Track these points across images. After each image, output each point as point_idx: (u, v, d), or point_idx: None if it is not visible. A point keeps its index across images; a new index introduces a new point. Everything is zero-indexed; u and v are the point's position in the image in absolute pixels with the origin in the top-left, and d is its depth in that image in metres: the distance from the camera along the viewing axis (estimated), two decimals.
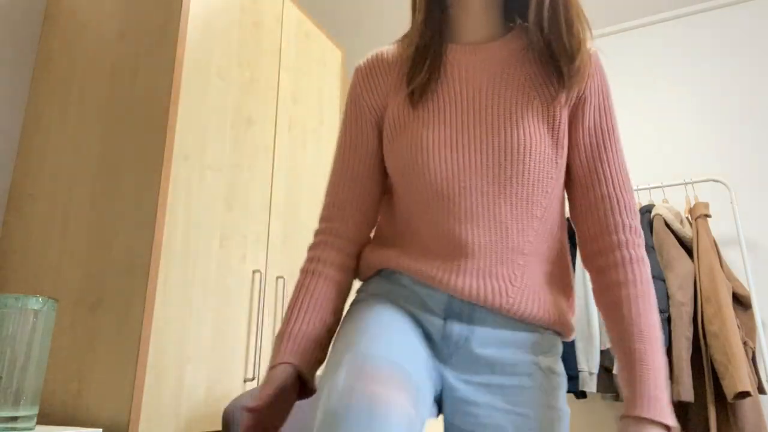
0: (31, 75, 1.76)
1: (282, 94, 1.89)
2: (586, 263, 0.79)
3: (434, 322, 0.76)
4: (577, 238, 0.81)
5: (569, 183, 0.82)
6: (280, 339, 0.78)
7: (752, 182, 2.48)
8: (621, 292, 0.72)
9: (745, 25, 2.69)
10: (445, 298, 0.76)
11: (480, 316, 0.76)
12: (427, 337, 0.77)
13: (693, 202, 2.30)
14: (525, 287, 0.76)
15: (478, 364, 0.75)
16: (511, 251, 0.75)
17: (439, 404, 0.79)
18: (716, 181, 2.34)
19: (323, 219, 0.87)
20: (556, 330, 0.79)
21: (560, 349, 0.81)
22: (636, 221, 0.76)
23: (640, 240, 0.75)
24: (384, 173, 0.88)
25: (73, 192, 1.50)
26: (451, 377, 0.76)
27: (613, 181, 0.76)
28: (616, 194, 0.76)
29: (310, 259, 0.84)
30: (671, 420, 0.64)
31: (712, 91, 2.67)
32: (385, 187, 0.89)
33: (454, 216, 0.75)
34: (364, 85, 0.87)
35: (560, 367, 0.78)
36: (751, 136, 2.54)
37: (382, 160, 0.87)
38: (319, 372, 1.58)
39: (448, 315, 0.76)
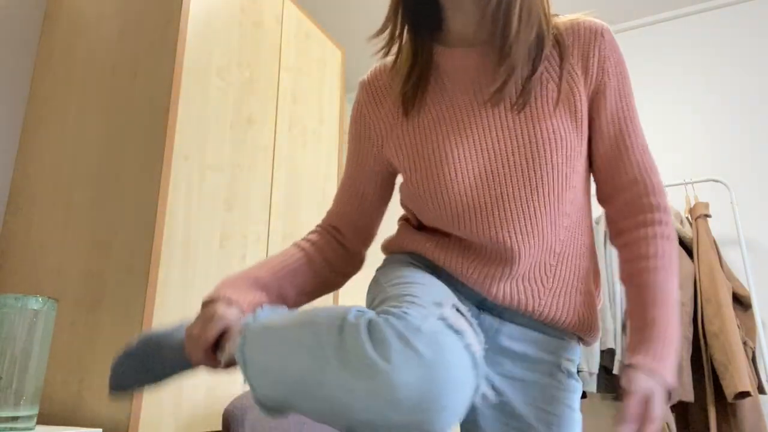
0: (31, 75, 1.76)
1: (282, 94, 1.89)
2: (615, 240, 0.80)
3: (471, 310, 0.78)
4: (606, 217, 0.81)
5: (594, 169, 0.81)
6: (231, 277, 0.76)
7: (752, 182, 2.48)
8: (642, 264, 0.73)
9: (745, 25, 2.69)
10: (480, 296, 0.77)
11: (510, 315, 0.77)
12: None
13: (693, 202, 2.29)
14: (556, 288, 0.76)
15: (504, 356, 0.76)
16: (545, 251, 0.75)
17: None
18: (716, 181, 2.34)
19: (324, 220, 0.91)
20: (580, 335, 0.79)
21: (579, 355, 0.81)
22: (664, 199, 0.76)
23: (668, 218, 0.75)
24: (386, 190, 0.89)
25: (74, 192, 1.50)
26: None
27: (639, 166, 0.76)
28: (644, 178, 0.76)
29: (303, 238, 0.87)
30: (672, 380, 0.65)
31: (712, 91, 2.67)
32: (386, 202, 0.91)
33: (492, 225, 0.73)
34: (367, 101, 0.85)
35: (575, 371, 0.79)
36: (751, 136, 2.54)
37: (385, 178, 0.87)
38: None
39: (482, 307, 0.77)
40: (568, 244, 0.77)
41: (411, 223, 0.87)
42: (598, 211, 2.66)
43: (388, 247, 0.87)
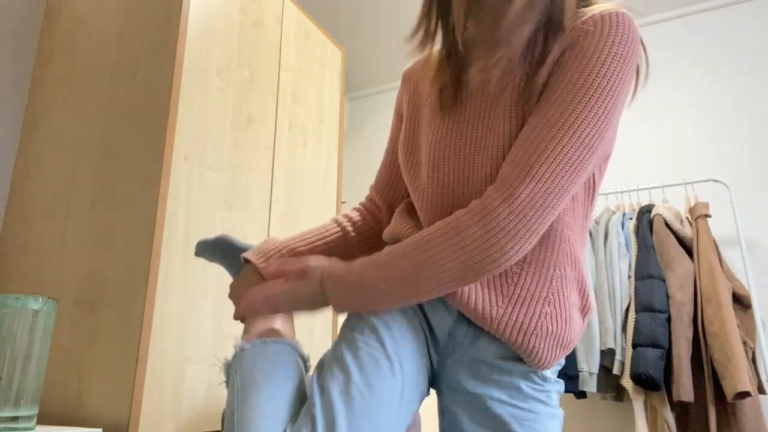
0: (31, 75, 1.76)
1: (282, 94, 1.89)
2: None
3: (445, 321, 0.76)
4: None
5: None
6: (273, 242, 0.87)
7: (752, 182, 2.48)
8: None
9: (745, 25, 2.69)
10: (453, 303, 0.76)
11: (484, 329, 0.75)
12: (432, 334, 0.78)
13: (693, 202, 2.30)
14: (518, 296, 0.72)
15: (479, 363, 0.75)
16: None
17: (434, 388, 0.81)
18: (716, 181, 2.34)
19: (367, 196, 0.99)
20: (546, 351, 0.74)
21: (561, 362, 0.79)
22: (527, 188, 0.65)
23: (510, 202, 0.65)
24: None
25: (73, 192, 1.50)
26: (452, 368, 0.76)
27: (525, 143, 0.67)
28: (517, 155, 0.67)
29: (344, 213, 0.96)
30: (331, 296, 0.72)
31: (712, 91, 2.67)
32: None
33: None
34: (403, 86, 0.92)
35: (554, 375, 0.77)
36: (750, 137, 2.54)
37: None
38: None
39: (461, 317, 0.76)
40: (537, 252, 0.73)
41: (407, 209, 0.89)
42: (599, 209, 2.66)
43: (384, 236, 0.89)
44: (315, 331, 1.85)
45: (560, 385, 0.77)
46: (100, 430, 1.15)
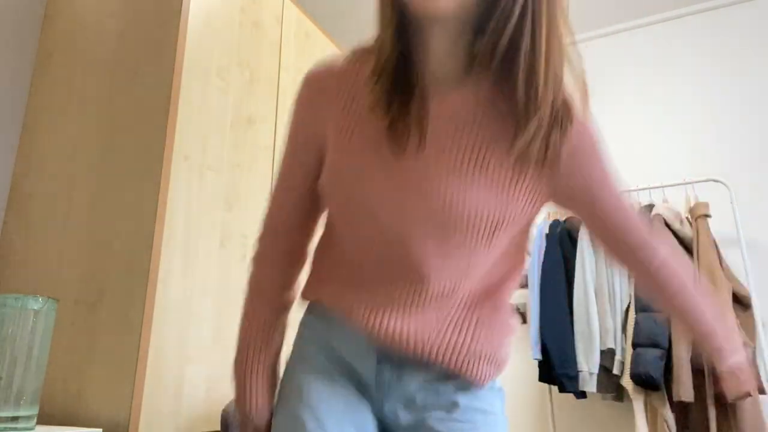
0: (31, 75, 1.76)
1: (282, 94, 1.89)
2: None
3: (368, 367, 0.75)
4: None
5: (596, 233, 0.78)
6: (252, 377, 0.80)
7: (752, 182, 2.48)
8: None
9: (745, 25, 2.69)
10: (376, 344, 0.74)
11: (410, 369, 0.74)
12: (361, 383, 0.76)
13: (693, 202, 2.29)
14: (451, 320, 0.73)
15: (411, 396, 0.74)
16: (439, 296, 0.71)
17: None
18: (716, 181, 2.34)
19: (262, 224, 0.86)
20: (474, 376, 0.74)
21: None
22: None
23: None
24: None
25: (73, 192, 1.50)
26: (390, 412, 0.75)
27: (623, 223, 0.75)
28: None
29: (254, 279, 0.83)
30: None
31: (712, 91, 2.67)
32: (320, 203, 0.83)
33: (390, 255, 0.71)
34: (317, 98, 0.77)
35: (496, 383, 0.77)
36: (750, 136, 2.54)
37: (316, 178, 0.81)
38: None
39: (381, 357, 0.74)
40: (467, 285, 0.73)
41: (315, 260, 0.83)
42: None
43: (303, 294, 0.84)
44: None
45: (500, 391, 0.78)
46: (100, 430, 1.15)
